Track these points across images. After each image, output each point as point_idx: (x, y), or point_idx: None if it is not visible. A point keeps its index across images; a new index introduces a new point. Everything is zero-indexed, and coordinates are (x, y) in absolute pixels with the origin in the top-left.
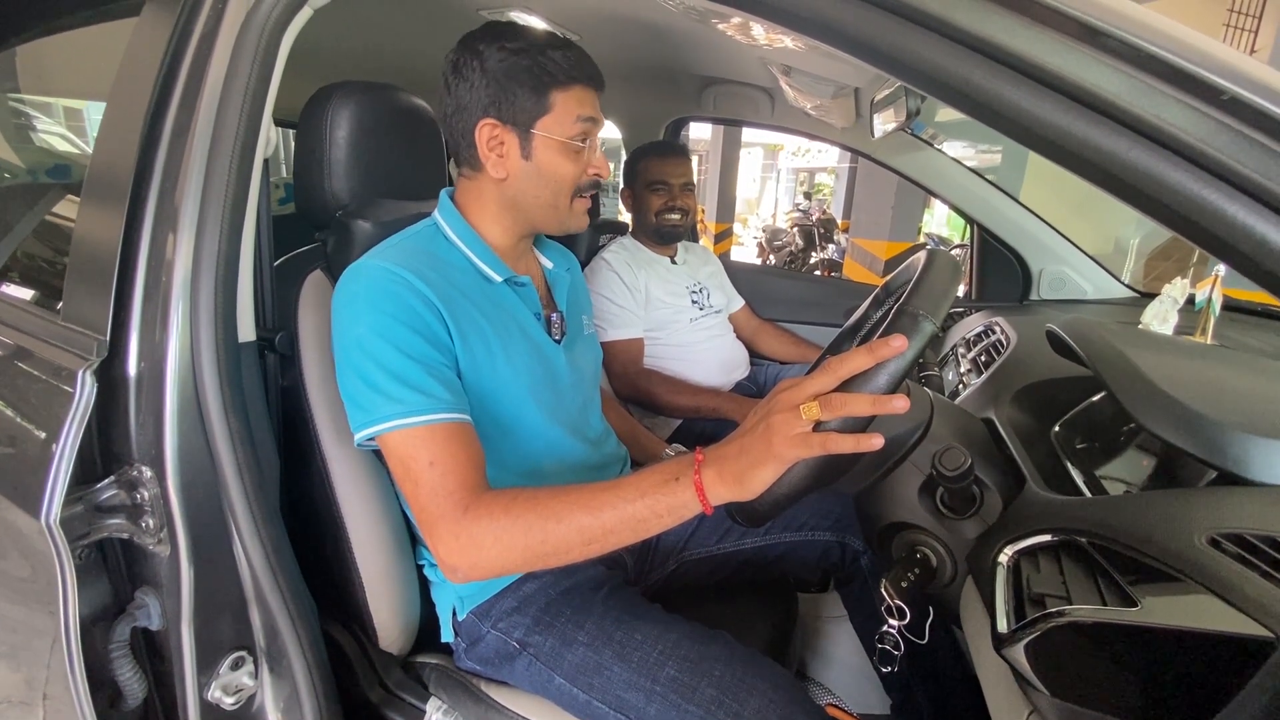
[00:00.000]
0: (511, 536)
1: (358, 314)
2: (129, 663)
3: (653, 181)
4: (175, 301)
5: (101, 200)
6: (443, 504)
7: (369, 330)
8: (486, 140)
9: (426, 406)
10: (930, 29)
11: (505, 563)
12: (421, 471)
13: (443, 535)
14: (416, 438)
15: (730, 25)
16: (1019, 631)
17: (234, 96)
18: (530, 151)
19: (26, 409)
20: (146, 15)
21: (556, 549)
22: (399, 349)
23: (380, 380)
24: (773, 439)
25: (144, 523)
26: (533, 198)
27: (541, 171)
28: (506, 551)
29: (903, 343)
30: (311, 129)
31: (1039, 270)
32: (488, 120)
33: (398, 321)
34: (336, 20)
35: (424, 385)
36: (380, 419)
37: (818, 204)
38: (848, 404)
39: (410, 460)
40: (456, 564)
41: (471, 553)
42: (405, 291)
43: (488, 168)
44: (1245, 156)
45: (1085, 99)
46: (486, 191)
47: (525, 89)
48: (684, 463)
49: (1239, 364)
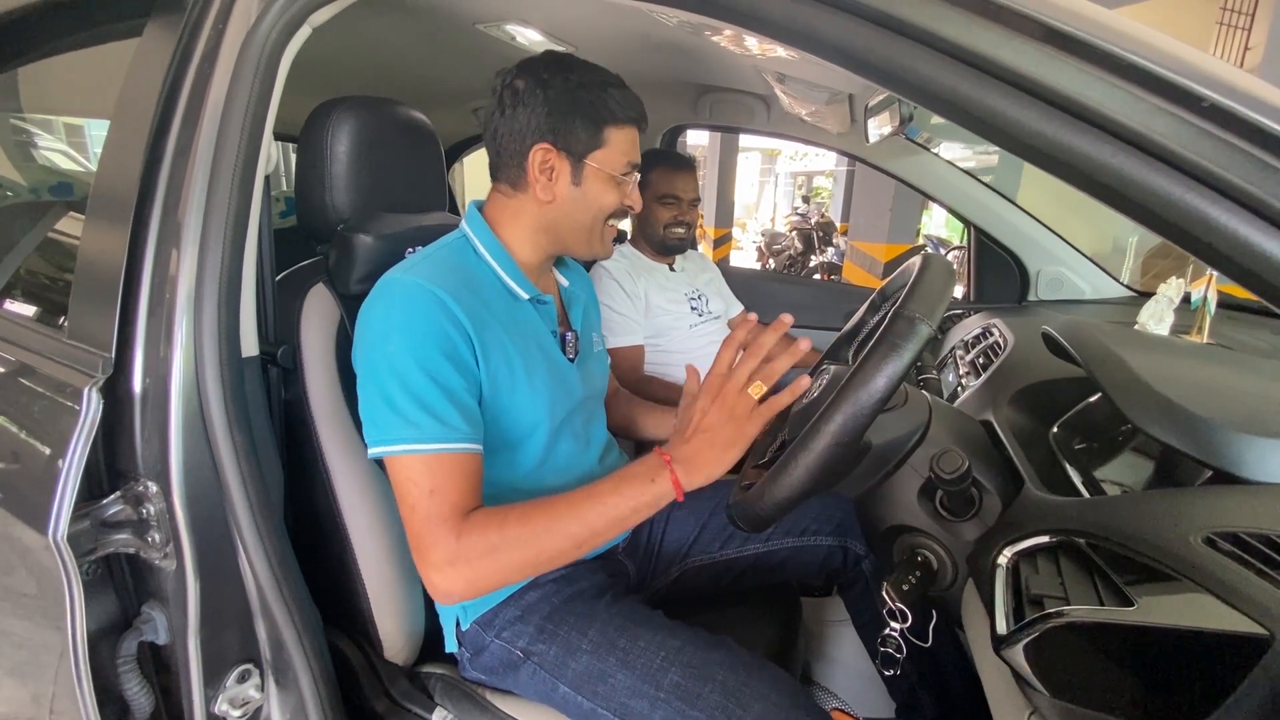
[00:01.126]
0: (507, 554)
1: (388, 332)
2: (136, 677)
3: (663, 195)
4: (179, 317)
5: (106, 218)
6: (437, 531)
7: (399, 349)
8: (539, 164)
9: (441, 435)
10: (919, 41)
11: (501, 579)
12: (420, 498)
13: (436, 562)
14: (424, 464)
15: (724, 36)
16: (1018, 632)
17: (235, 114)
18: (581, 179)
19: (33, 426)
20: (149, 35)
21: (551, 558)
22: (425, 371)
23: (401, 402)
24: (737, 422)
25: (150, 537)
26: (573, 222)
27: (587, 199)
28: (502, 569)
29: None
30: (312, 144)
31: (1036, 271)
32: (543, 145)
33: (428, 343)
34: (336, 37)
35: (442, 413)
36: (393, 441)
37: (816, 207)
38: (775, 367)
39: (412, 485)
40: (450, 589)
41: (467, 574)
42: (438, 312)
43: (536, 190)
44: (1226, 161)
45: (1070, 107)
46: (525, 211)
47: (586, 120)
48: (654, 464)
49: (1234, 363)
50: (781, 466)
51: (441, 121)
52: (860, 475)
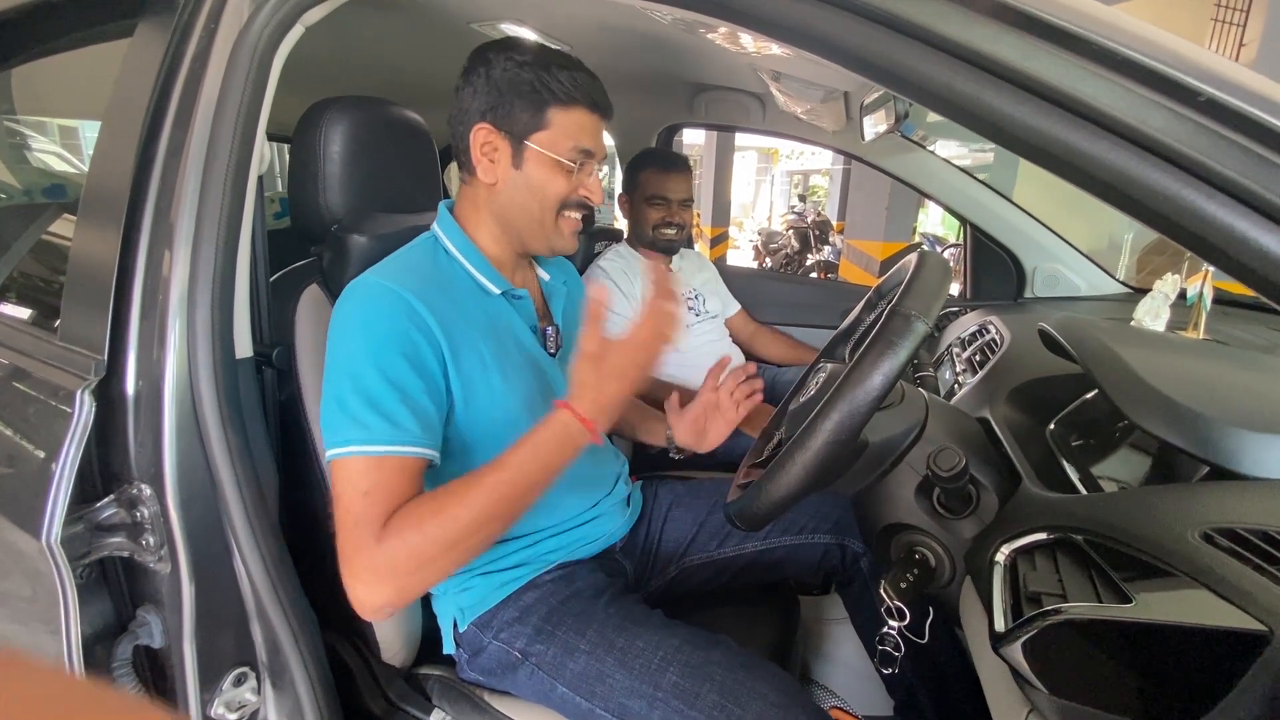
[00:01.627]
0: (431, 551)
1: (349, 332)
2: (132, 681)
3: (652, 195)
4: (172, 319)
5: (98, 220)
6: (363, 536)
7: (356, 349)
8: (480, 144)
9: (390, 437)
10: (914, 37)
11: (432, 577)
12: (354, 500)
13: (359, 571)
14: (366, 465)
15: (719, 34)
16: (1016, 630)
17: (228, 114)
18: (521, 162)
19: (26, 429)
20: (140, 36)
21: (478, 540)
22: (380, 372)
23: (352, 403)
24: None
25: (144, 541)
26: (520, 208)
27: (530, 183)
28: (431, 568)
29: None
30: (306, 145)
31: (1032, 268)
32: (483, 125)
33: (386, 343)
34: (329, 37)
35: (394, 413)
36: (342, 442)
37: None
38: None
39: (349, 485)
40: (376, 601)
41: (391, 583)
42: (401, 312)
43: (479, 172)
44: (1223, 156)
45: (1066, 103)
46: (480, 198)
47: (524, 100)
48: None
49: (1230, 359)
50: (778, 465)
51: (435, 121)
52: (857, 473)
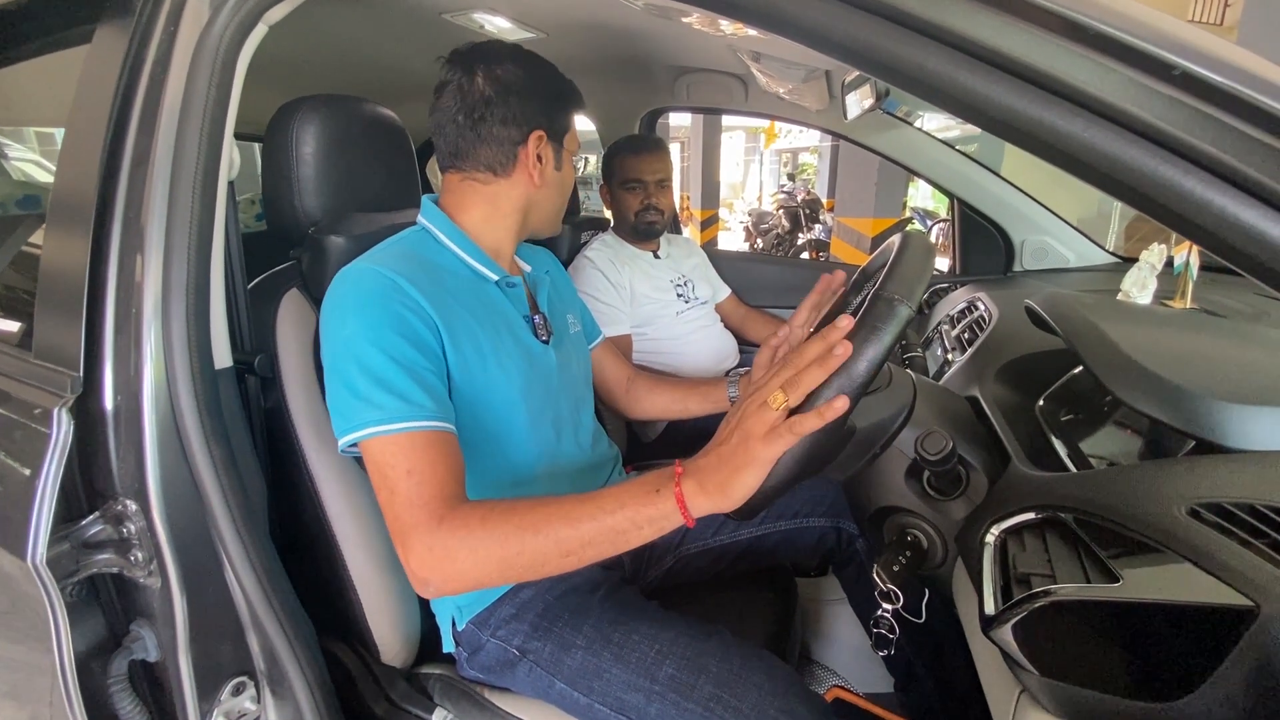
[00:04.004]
0: (487, 549)
1: (345, 317)
2: (129, 696)
3: (627, 180)
4: (147, 331)
5: (66, 232)
6: (417, 514)
7: (355, 334)
8: (534, 151)
9: (408, 414)
10: (882, 16)
11: (479, 576)
12: (398, 480)
13: (414, 546)
14: (396, 445)
15: (694, 18)
16: (1005, 614)
17: (193, 118)
18: (561, 163)
19: (6, 450)
20: (98, 41)
21: (533, 562)
22: (385, 353)
23: (362, 386)
24: (750, 442)
25: (133, 556)
26: (550, 203)
27: (564, 181)
28: (481, 564)
29: (849, 322)
30: (278, 146)
31: (1020, 241)
32: (539, 132)
33: (384, 326)
34: (296, 34)
35: (407, 392)
36: (360, 425)
37: (802, 184)
38: (804, 378)
39: (388, 468)
40: (428, 576)
41: (445, 565)
42: (394, 295)
43: (530, 175)
44: (1199, 130)
45: (1039, 80)
46: (503, 196)
47: (567, 105)
48: (665, 474)
49: (1214, 330)
50: None
51: (411, 116)
52: (847, 459)
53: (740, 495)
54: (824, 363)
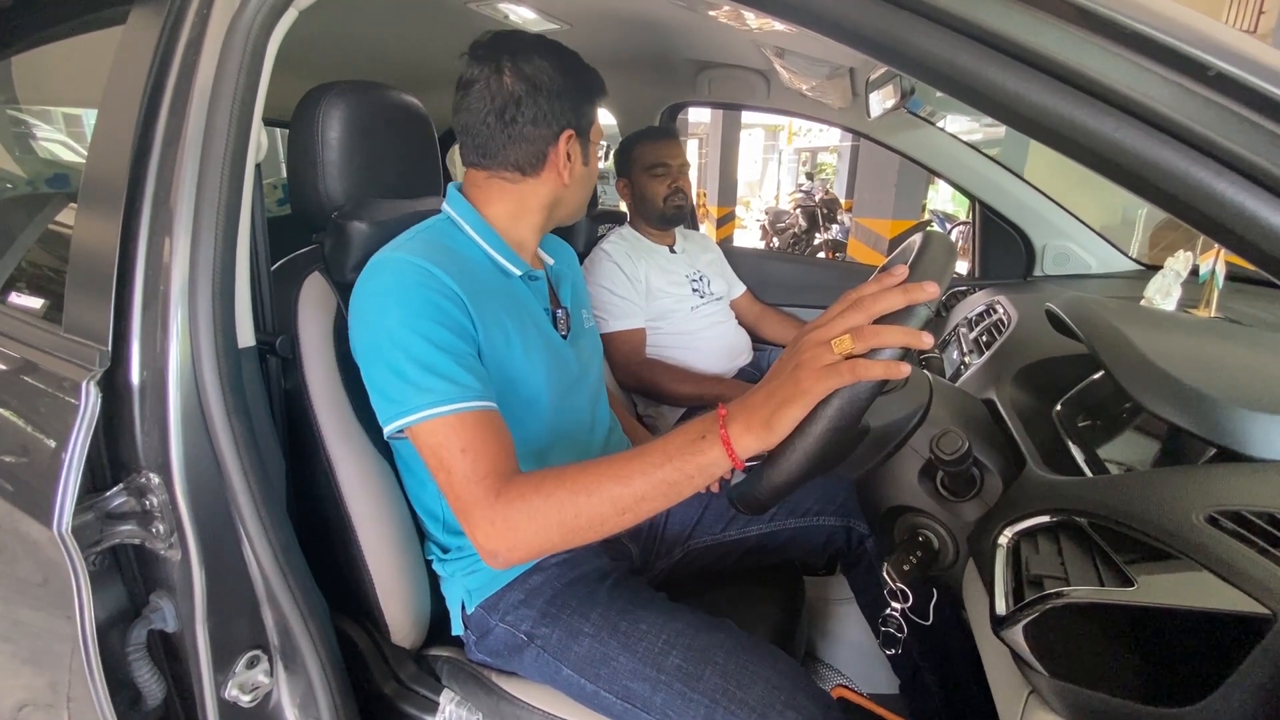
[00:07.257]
0: (546, 515)
1: (385, 307)
2: (147, 665)
3: (652, 165)
4: (174, 309)
5: (97, 210)
6: (476, 490)
7: (397, 322)
8: (565, 150)
9: (456, 395)
10: (914, 12)
11: (543, 542)
12: (454, 460)
13: (479, 521)
14: (448, 426)
15: (721, 11)
16: (1017, 614)
17: (223, 101)
18: (588, 158)
19: (35, 421)
20: (132, 23)
21: (591, 522)
22: (428, 340)
23: (410, 371)
24: (800, 375)
25: (154, 528)
26: (576, 198)
27: (590, 174)
28: (543, 531)
29: (935, 288)
30: (304, 131)
31: (1042, 246)
32: (569, 131)
33: (424, 314)
34: (325, 20)
35: (453, 374)
36: (411, 409)
37: (820, 184)
38: (881, 335)
39: (442, 449)
40: (495, 548)
41: (508, 535)
42: (430, 283)
43: (560, 174)
44: (1233, 133)
45: (1071, 79)
46: (531, 193)
47: (591, 99)
48: (709, 420)
49: (1239, 338)
50: (780, 451)
51: (435, 104)
52: (860, 457)
53: (783, 430)
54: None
